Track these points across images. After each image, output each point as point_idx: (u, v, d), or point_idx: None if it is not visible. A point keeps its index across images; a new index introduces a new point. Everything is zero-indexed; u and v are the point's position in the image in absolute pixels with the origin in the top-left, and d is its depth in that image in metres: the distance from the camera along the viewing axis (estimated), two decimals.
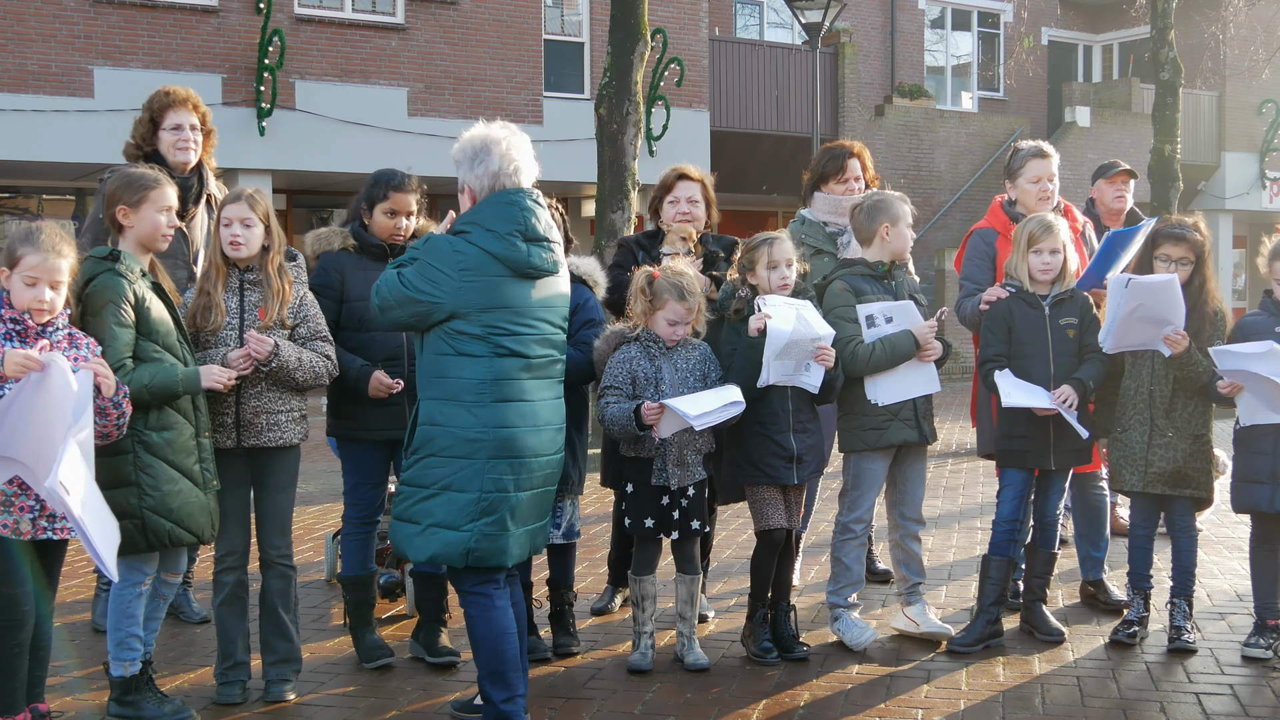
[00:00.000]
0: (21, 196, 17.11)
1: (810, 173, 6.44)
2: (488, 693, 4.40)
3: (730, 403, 5.05)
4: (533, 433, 4.37)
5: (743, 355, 5.24)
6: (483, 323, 4.27)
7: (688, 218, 5.97)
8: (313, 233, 5.51)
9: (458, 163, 4.46)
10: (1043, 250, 5.59)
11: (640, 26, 12.62)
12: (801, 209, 6.51)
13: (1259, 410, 5.31)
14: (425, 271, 4.28)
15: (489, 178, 4.39)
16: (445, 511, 4.28)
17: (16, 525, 4.21)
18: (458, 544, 4.29)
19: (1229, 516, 7.68)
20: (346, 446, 5.48)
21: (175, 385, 4.51)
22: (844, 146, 6.42)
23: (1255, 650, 5.44)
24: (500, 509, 4.31)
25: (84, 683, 5.19)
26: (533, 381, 4.38)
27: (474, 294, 4.26)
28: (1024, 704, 4.93)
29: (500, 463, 4.29)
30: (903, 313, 5.49)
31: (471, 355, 4.28)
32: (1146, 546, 5.75)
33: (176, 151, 5.87)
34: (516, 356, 4.33)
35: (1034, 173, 6.09)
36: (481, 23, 17.84)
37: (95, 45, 15.28)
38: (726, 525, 8.26)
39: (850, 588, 5.71)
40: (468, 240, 4.31)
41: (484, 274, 4.28)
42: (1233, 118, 27.07)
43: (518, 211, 4.36)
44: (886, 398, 5.51)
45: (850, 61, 22.78)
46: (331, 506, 9.00)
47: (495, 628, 4.38)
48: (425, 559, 4.35)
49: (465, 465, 4.27)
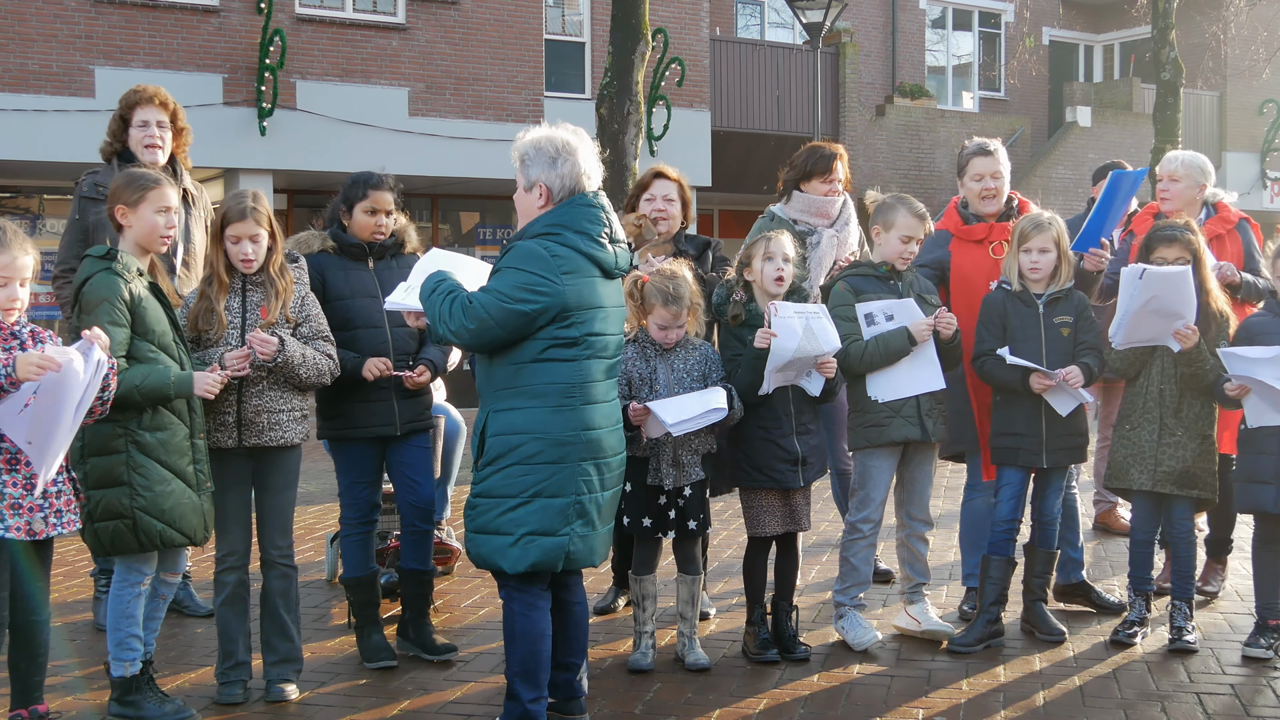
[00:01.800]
0: (22, 196, 17.10)
1: (792, 168, 6.36)
2: (517, 690, 4.39)
3: (713, 409, 5.06)
4: (611, 432, 4.45)
5: (746, 363, 5.25)
6: (580, 325, 4.30)
7: (663, 215, 6.00)
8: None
9: (529, 161, 4.41)
10: (1031, 249, 5.58)
11: (641, 26, 12.62)
12: (772, 205, 6.44)
13: (1266, 412, 5.29)
14: (523, 280, 4.24)
15: (572, 179, 4.39)
16: (540, 519, 4.28)
17: (29, 526, 4.21)
18: (557, 549, 4.31)
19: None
20: (336, 447, 5.50)
21: (167, 388, 4.50)
22: (830, 147, 6.36)
23: (1256, 650, 5.43)
24: (590, 510, 4.37)
25: (84, 683, 5.19)
26: (606, 383, 4.45)
27: (573, 296, 4.28)
28: (1025, 704, 4.93)
29: (589, 464, 4.34)
30: (903, 310, 5.48)
31: (560, 360, 4.28)
32: (1148, 548, 5.74)
33: (144, 149, 5.89)
34: (601, 358, 4.39)
35: (976, 170, 6.00)
36: (482, 22, 17.83)
37: (96, 45, 15.27)
38: (728, 525, 8.26)
39: (857, 588, 5.71)
40: (560, 243, 4.31)
41: (581, 275, 4.31)
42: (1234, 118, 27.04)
43: (600, 213, 4.40)
44: (886, 394, 5.49)
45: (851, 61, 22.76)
46: (332, 507, 9.00)
47: (536, 629, 4.39)
48: (525, 569, 4.31)
49: (557, 470, 4.28)
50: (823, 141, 6.50)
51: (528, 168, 4.43)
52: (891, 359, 5.45)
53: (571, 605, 4.61)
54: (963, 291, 5.92)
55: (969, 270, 5.96)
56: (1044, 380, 5.46)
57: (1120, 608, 6.03)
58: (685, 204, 6.12)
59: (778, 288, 5.35)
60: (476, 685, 5.17)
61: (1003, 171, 6.03)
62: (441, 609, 6.30)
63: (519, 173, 4.46)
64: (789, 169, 6.40)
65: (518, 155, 4.46)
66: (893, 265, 5.58)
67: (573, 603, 4.61)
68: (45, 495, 4.24)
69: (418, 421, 5.48)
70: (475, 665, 5.44)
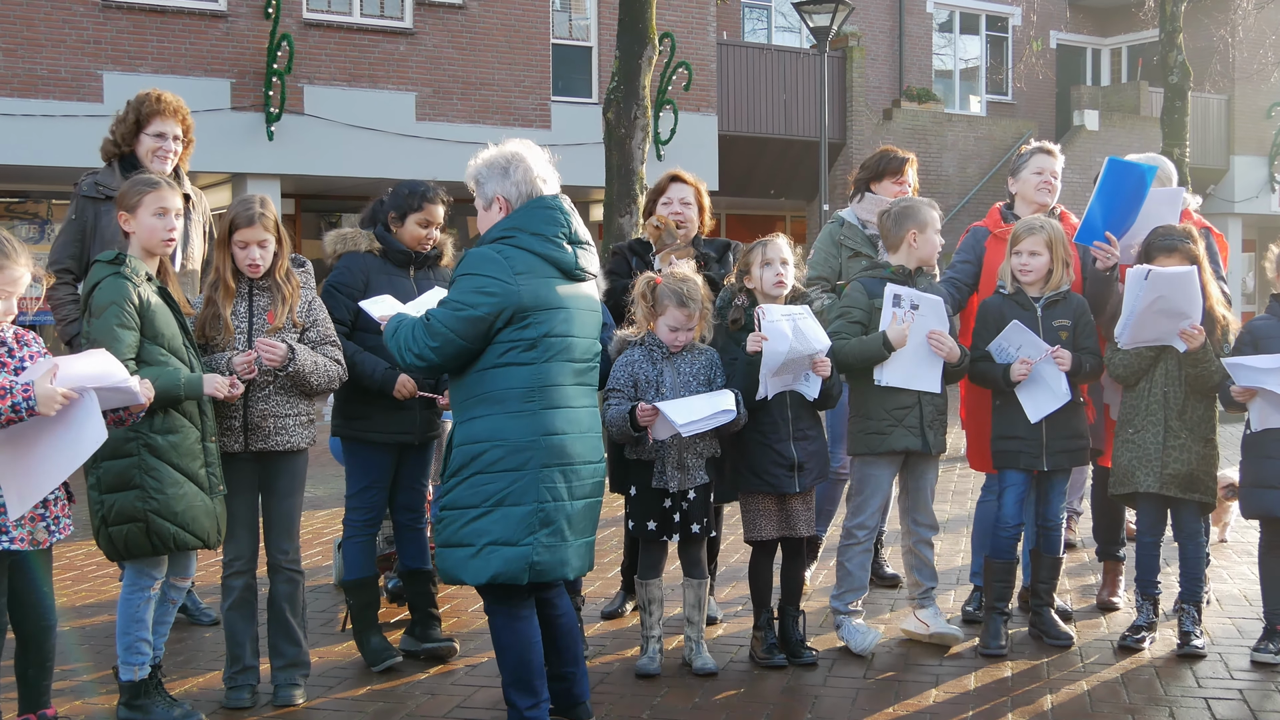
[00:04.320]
0: (31, 200, 17.15)
1: (865, 170, 6.53)
2: (513, 700, 4.38)
3: (721, 410, 5.05)
4: (579, 439, 4.36)
5: (741, 369, 5.26)
6: (537, 325, 4.26)
7: (680, 218, 6.01)
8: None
9: (483, 179, 4.44)
10: (1022, 251, 5.59)
11: (648, 31, 12.63)
12: (841, 210, 6.57)
13: (1271, 415, 5.29)
14: (476, 285, 4.23)
15: (526, 184, 4.39)
16: (501, 528, 4.22)
17: (32, 536, 4.22)
18: (519, 559, 4.24)
19: (1238, 521, 7.67)
20: (353, 448, 5.48)
21: (177, 389, 4.51)
22: (902, 152, 6.58)
23: (1265, 655, 5.42)
24: (557, 519, 4.29)
25: (94, 686, 5.21)
26: (575, 388, 4.39)
27: (529, 296, 4.25)
28: (1032, 709, 4.92)
29: (553, 470, 4.27)
30: (930, 306, 5.48)
31: (519, 364, 4.25)
32: (1154, 552, 5.73)
33: (154, 159, 5.82)
34: (565, 361, 4.33)
35: (1038, 165, 6.15)
36: (489, 27, 17.85)
37: (104, 50, 15.32)
38: (735, 529, 8.25)
39: (853, 593, 5.70)
40: (513, 245, 4.30)
41: (536, 275, 4.28)
42: (1242, 121, 27.00)
43: (559, 214, 4.38)
44: (890, 379, 5.50)
45: (858, 65, 22.76)
46: (339, 511, 8.99)
47: (522, 638, 4.36)
48: (486, 580, 4.26)
49: (518, 477, 4.23)
50: (897, 149, 6.65)
51: (483, 186, 4.44)
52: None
53: (557, 617, 4.54)
54: (991, 287, 5.95)
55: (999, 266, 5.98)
56: (1025, 366, 5.46)
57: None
58: (702, 209, 6.12)
59: (778, 291, 5.35)
60: (484, 690, 5.17)
61: (1059, 173, 6.20)
62: (448, 614, 6.30)
63: (476, 195, 4.47)
64: (861, 170, 6.57)
65: (472, 179, 4.48)
66: (903, 266, 5.58)
67: (558, 614, 4.55)
68: (45, 504, 4.25)
69: (433, 431, 5.53)
70: (483, 670, 5.45)
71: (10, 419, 3.94)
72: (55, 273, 5.75)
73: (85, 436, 4.06)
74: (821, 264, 6.37)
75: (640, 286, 5.28)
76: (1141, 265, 5.42)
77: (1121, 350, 5.55)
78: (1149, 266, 5.38)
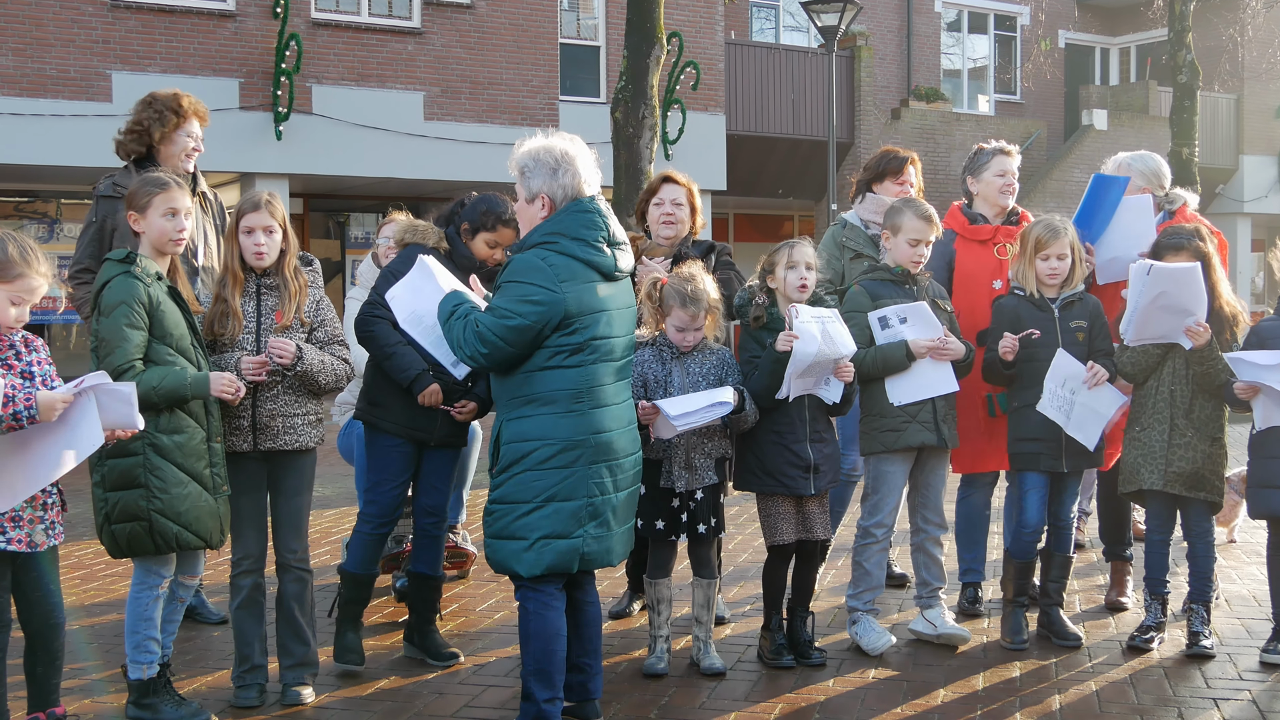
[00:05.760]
0: (40, 200, 17.21)
1: (866, 171, 6.54)
2: (532, 690, 4.42)
3: (716, 403, 5.05)
4: (622, 434, 4.51)
5: (766, 365, 5.25)
6: (584, 330, 4.35)
7: (671, 220, 6.01)
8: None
9: (529, 172, 4.47)
10: (1050, 255, 5.59)
11: (656, 30, 12.63)
12: (843, 212, 6.59)
13: (1274, 412, 5.27)
14: (522, 292, 4.30)
15: (573, 189, 4.45)
16: (553, 523, 4.37)
17: (30, 539, 4.23)
18: (570, 551, 4.39)
19: (1247, 521, 7.65)
20: (374, 438, 5.43)
21: (184, 389, 4.52)
22: (903, 151, 6.58)
23: (1274, 656, 5.40)
24: (604, 511, 4.45)
25: (104, 685, 5.22)
26: (615, 385, 4.51)
27: (574, 302, 4.33)
28: (1040, 709, 4.92)
29: (600, 466, 4.41)
30: (916, 313, 5.48)
31: (566, 366, 4.35)
32: (1163, 551, 5.72)
33: (185, 157, 5.91)
34: (609, 361, 4.44)
35: (1001, 167, 6.15)
36: (497, 26, 17.87)
37: (113, 50, 15.36)
38: (743, 529, 8.26)
39: (870, 593, 5.70)
40: (556, 251, 4.36)
41: (580, 281, 4.36)
42: (1251, 121, 26.95)
43: (598, 217, 4.44)
44: (903, 398, 5.51)
45: (866, 65, 22.76)
46: (348, 510, 9.02)
47: (550, 628, 4.44)
48: (541, 572, 4.39)
49: (569, 474, 4.36)
50: (899, 149, 6.65)
51: (529, 179, 4.47)
52: (889, 371, 5.49)
53: (585, 605, 4.67)
54: (966, 291, 5.98)
55: (973, 269, 6.04)
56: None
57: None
58: (694, 210, 6.12)
59: (800, 295, 5.35)
60: (491, 690, 5.18)
61: (1016, 173, 6.24)
62: (456, 613, 6.31)
63: (519, 184, 4.51)
64: (862, 171, 6.59)
65: (516, 167, 4.51)
66: (907, 268, 5.58)
67: (586, 602, 4.67)
68: (45, 506, 4.26)
69: (453, 439, 5.47)
70: (490, 669, 5.45)
71: (11, 426, 3.96)
72: (77, 273, 5.82)
73: (82, 437, 4.06)
74: (824, 266, 6.36)
75: (645, 287, 5.28)
76: (1144, 261, 5.42)
77: (1130, 348, 5.54)
78: (1150, 262, 5.37)
